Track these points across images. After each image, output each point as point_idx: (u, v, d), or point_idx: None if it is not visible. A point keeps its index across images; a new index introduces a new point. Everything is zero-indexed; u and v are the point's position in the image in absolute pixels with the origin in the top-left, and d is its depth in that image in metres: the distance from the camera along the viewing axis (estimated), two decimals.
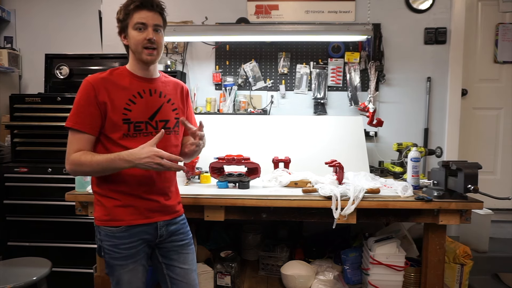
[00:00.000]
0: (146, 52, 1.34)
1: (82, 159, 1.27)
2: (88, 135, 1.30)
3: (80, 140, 1.30)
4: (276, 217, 1.77)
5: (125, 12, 1.33)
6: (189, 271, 1.47)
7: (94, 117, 1.30)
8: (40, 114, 2.45)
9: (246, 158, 1.91)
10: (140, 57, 1.35)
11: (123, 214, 1.34)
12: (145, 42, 1.32)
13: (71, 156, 1.29)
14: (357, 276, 2.09)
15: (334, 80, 2.74)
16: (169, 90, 1.46)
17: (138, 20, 1.31)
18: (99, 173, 1.32)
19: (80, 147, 1.29)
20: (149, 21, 1.32)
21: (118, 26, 1.37)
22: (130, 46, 1.36)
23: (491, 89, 2.91)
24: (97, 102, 1.29)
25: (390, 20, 2.71)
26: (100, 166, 1.27)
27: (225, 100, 2.73)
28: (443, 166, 1.73)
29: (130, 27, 1.33)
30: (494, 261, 2.51)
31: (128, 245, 1.34)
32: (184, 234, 1.49)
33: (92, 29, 3.07)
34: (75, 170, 1.30)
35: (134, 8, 1.31)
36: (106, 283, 1.79)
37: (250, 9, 2.76)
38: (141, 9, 1.31)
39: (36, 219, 2.46)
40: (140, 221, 1.36)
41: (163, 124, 1.40)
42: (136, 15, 1.32)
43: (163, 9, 1.37)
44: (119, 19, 1.36)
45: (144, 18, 1.32)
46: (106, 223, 1.34)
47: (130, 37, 1.34)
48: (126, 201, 1.35)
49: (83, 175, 1.34)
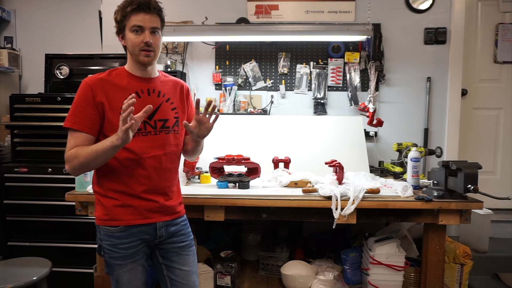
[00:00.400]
0: (143, 54, 1.34)
1: (78, 151, 1.27)
2: (86, 134, 1.30)
3: (77, 138, 1.30)
4: (276, 217, 1.77)
5: (122, 14, 1.33)
6: (189, 273, 1.47)
7: (93, 118, 1.30)
8: (40, 114, 2.45)
9: (246, 158, 1.91)
10: (137, 58, 1.36)
11: (122, 214, 1.34)
12: (142, 45, 1.32)
13: (67, 154, 1.29)
14: (357, 276, 2.09)
15: (334, 80, 2.74)
16: (168, 89, 1.46)
17: (135, 23, 1.31)
18: (94, 163, 1.28)
19: (77, 144, 1.30)
20: (146, 24, 1.32)
21: (115, 26, 1.38)
22: (128, 47, 1.37)
23: (491, 89, 2.91)
24: (95, 103, 1.30)
25: (390, 20, 2.71)
26: (94, 152, 1.24)
27: (225, 100, 2.73)
28: (443, 166, 1.73)
29: (127, 29, 1.33)
30: (494, 261, 2.51)
31: (127, 245, 1.34)
32: (185, 235, 1.48)
33: (92, 29, 3.07)
34: (73, 165, 1.28)
35: (131, 11, 1.31)
36: (106, 283, 1.79)
37: (250, 9, 2.76)
38: (138, 12, 1.31)
39: (36, 219, 2.46)
40: (139, 221, 1.36)
41: (161, 123, 1.40)
42: (133, 18, 1.32)
43: (161, 10, 1.37)
44: (117, 20, 1.36)
45: (141, 21, 1.31)
46: (105, 222, 1.35)
47: (128, 39, 1.35)
48: (125, 201, 1.34)
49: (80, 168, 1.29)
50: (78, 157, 1.26)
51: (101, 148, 1.24)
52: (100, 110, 1.31)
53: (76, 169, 1.30)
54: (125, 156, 1.33)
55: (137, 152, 1.34)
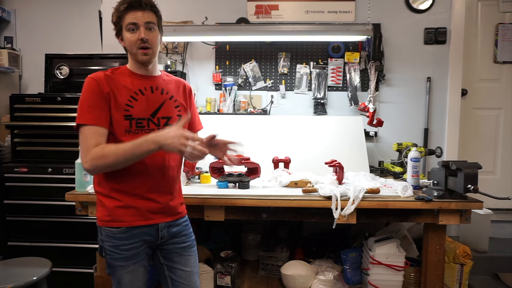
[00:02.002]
0: (141, 52, 1.34)
1: (105, 151, 1.23)
2: (103, 129, 1.28)
3: (95, 134, 1.26)
4: (276, 217, 1.77)
5: (117, 15, 1.33)
6: (191, 273, 1.47)
7: (106, 111, 1.29)
8: (40, 114, 2.44)
9: (246, 158, 1.91)
10: (136, 58, 1.36)
11: (124, 215, 1.34)
12: (139, 42, 1.32)
13: (91, 152, 1.24)
14: (357, 276, 2.09)
15: (334, 80, 2.74)
16: (171, 87, 1.45)
17: (130, 20, 1.31)
18: (122, 163, 1.25)
19: (98, 141, 1.26)
20: (139, 20, 1.31)
21: (114, 29, 1.38)
22: (126, 47, 1.37)
23: (491, 89, 2.91)
24: (103, 96, 1.29)
25: (390, 20, 2.71)
26: (127, 153, 1.22)
27: (225, 100, 2.73)
28: (443, 166, 1.73)
29: (124, 28, 1.34)
30: (494, 261, 2.51)
31: (129, 246, 1.34)
32: (187, 236, 1.48)
33: (92, 29, 3.07)
34: (96, 165, 1.24)
35: (124, 10, 1.31)
36: (106, 283, 1.79)
37: (250, 9, 2.76)
38: (131, 10, 1.31)
39: (36, 219, 2.45)
40: (141, 222, 1.35)
41: (165, 121, 1.39)
42: (127, 17, 1.32)
43: (154, 6, 1.36)
44: (114, 23, 1.36)
45: (134, 18, 1.31)
46: (107, 223, 1.34)
47: (125, 39, 1.35)
48: (128, 202, 1.34)
49: (105, 169, 1.26)
50: (107, 158, 1.22)
51: (134, 151, 1.21)
52: (108, 102, 1.30)
53: (99, 169, 1.28)
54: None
55: None
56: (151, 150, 1.23)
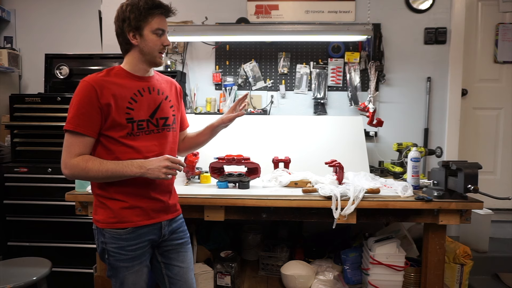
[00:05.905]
0: (160, 56, 1.37)
1: (89, 165, 1.25)
2: (89, 138, 1.28)
3: (81, 143, 1.27)
4: (276, 217, 1.77)
5: (141, 13, 1.30)
6: (187, 270, 1.49)
7: (96, 120, 1.27)
8: (40, 114, 2.44)
9: (246, 158, 1.91)
10: (153, 60, 1.37)
11: (130, 215, 1.34)
12: (162, 47, 1.36)
13: (71, 161, 1.26)
14: (357, 276, 2.09)
15: (334, 80, 2.74)
16: (164, 87, 1.47)
17: (159, 26, 1.34)
18: (101, 180, 1.30)
19: (82, 151, 1.27)
20: (166, 27, 1.37)
21: (126, 24, 1.32)
22: (143, 47, 1.34)
23: (491, 89, 2.91)
24: (100, 105, 1.26)
25: (390, 20, 2.71)
26: (109, 172, 1.25)
27: (225, 100, 2.73)
28: (443, 166, 1.73)
29: (147, 29, 1.32)
30: (494, 261, 2.51)
31: (135, 247, 1.35)
32: (183, 232, 1.51)
33: (92, 29, 3.07)
34: (75, 175, 1.27)
35: (152, 12, 1.32)
36: (106, 283, 1.79)
37: (250, 9, 2.76)
38: (160, 15, 1.34)
39: (36, 219, 2.45)
40: (146, 221, 1.37)
41: (163, 121, 1.40)
42: (156, 20, 1.33)
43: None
44: (129, 18, 1.31)
45: (163, 24, 1.35)
46: (112, 225, 1.33)
47: (147, 40, 1.33)
48: (133, 202, 1.34)
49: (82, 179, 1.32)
50: (86, 171, 1.25)
51: (118, 172, 1.26)
52: (104, 112, 1.27)
53: (77, 178, 1.33)
54: (130, 157, 1.31)
55: (142, 151, 1.34)
56: (135, 174, 1.27)
